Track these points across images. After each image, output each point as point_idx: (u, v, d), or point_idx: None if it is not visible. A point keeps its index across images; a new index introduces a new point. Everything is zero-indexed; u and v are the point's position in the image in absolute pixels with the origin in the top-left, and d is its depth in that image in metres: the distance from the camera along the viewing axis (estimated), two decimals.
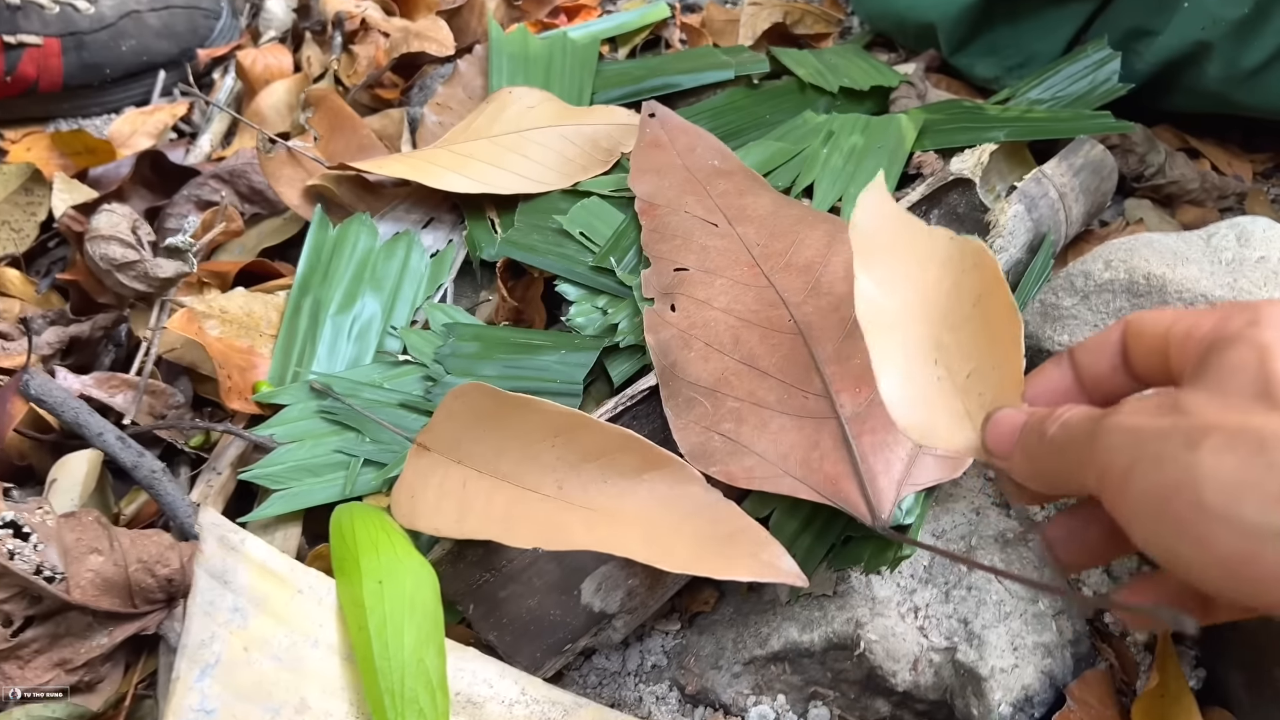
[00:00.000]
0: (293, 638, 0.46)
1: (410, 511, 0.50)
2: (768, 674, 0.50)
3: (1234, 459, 0.26)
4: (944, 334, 0.44)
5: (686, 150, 0.68)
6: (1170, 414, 0.29)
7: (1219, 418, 0.27)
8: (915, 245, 0.47)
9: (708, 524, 0.46)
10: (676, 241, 0.61)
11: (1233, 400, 0.28)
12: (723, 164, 0.67)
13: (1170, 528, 0.27)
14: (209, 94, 0.90)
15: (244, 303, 0.63)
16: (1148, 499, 0.28)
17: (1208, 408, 0.28)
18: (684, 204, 0.64)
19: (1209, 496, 0.26)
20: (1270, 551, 0.25)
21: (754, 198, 0.64)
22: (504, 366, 0.59)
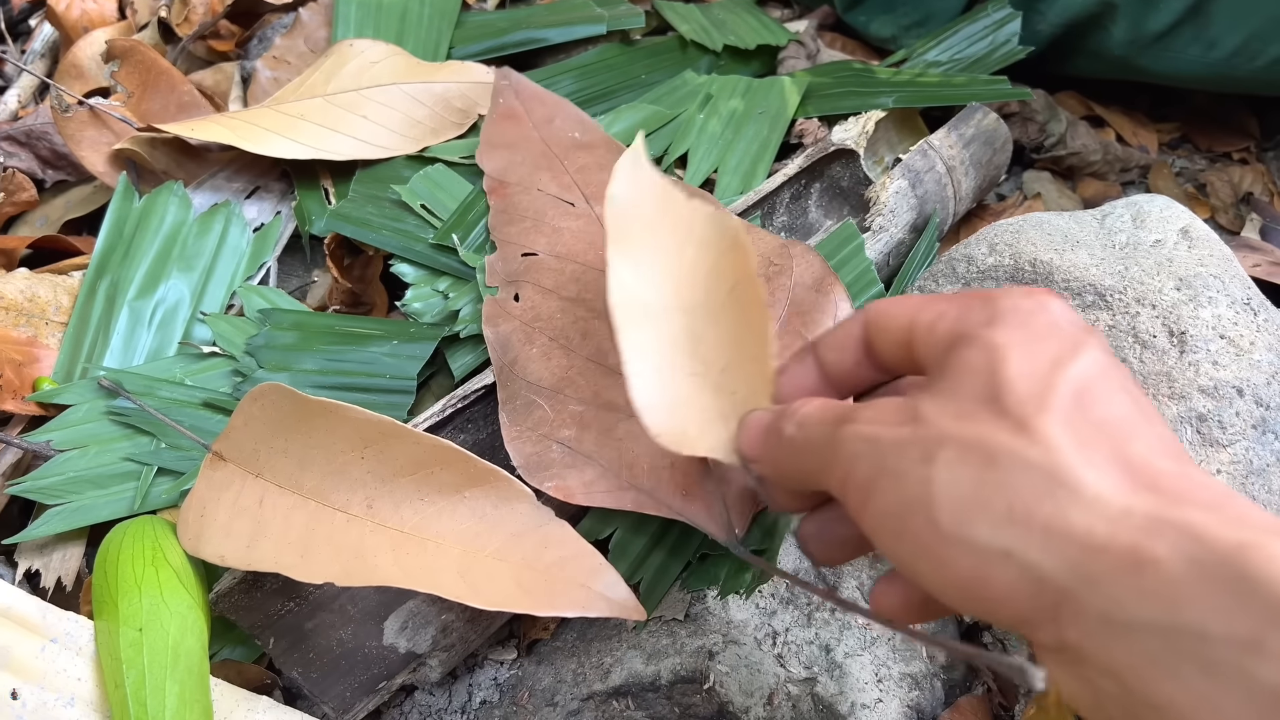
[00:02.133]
0: (43, 696, 0.39)
1: (197, 534, 0.43)
2: (609, 711, 0.44)
3: (966, 474, 0.24)
4: (701, 324, 0.39)
5: (543, 122, 0.61)
6: (908, 423, 0.27)
7: (953, 428, 0.25)
8: (676, 222, 0.41)
9: (535, 548, 0.40)
10: (526, 224, 0.54)
11: (966, 407, 0.26)
12: (584, 136, 0.61)
13: (909, 546, 0.26)
14: (25, 42, 0.79)
15: (26, 286, 0.54)
16: (888, 515, 0.26)
17: (943, 416, 0.26)
18: (537, 181, 0.57)
19: (942, 516, 0.24)
20: (1000, 573, 0.23)
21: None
22: (326, 359, 0.52)
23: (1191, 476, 0.23)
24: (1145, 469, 0.23)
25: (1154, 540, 0.21)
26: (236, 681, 0.43)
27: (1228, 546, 0.20)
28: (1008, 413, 0.25)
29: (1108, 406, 0.25)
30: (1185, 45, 0.67)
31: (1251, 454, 0.41)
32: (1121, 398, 0.25)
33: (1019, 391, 0.25)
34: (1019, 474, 0.24)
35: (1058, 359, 0.26)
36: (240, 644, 0.46)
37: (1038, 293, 0.28)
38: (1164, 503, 0.22)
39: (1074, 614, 0.22)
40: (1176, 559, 0.20)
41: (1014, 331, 0.27)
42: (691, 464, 0.43)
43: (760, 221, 0.56)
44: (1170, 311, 0.44)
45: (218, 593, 0.43)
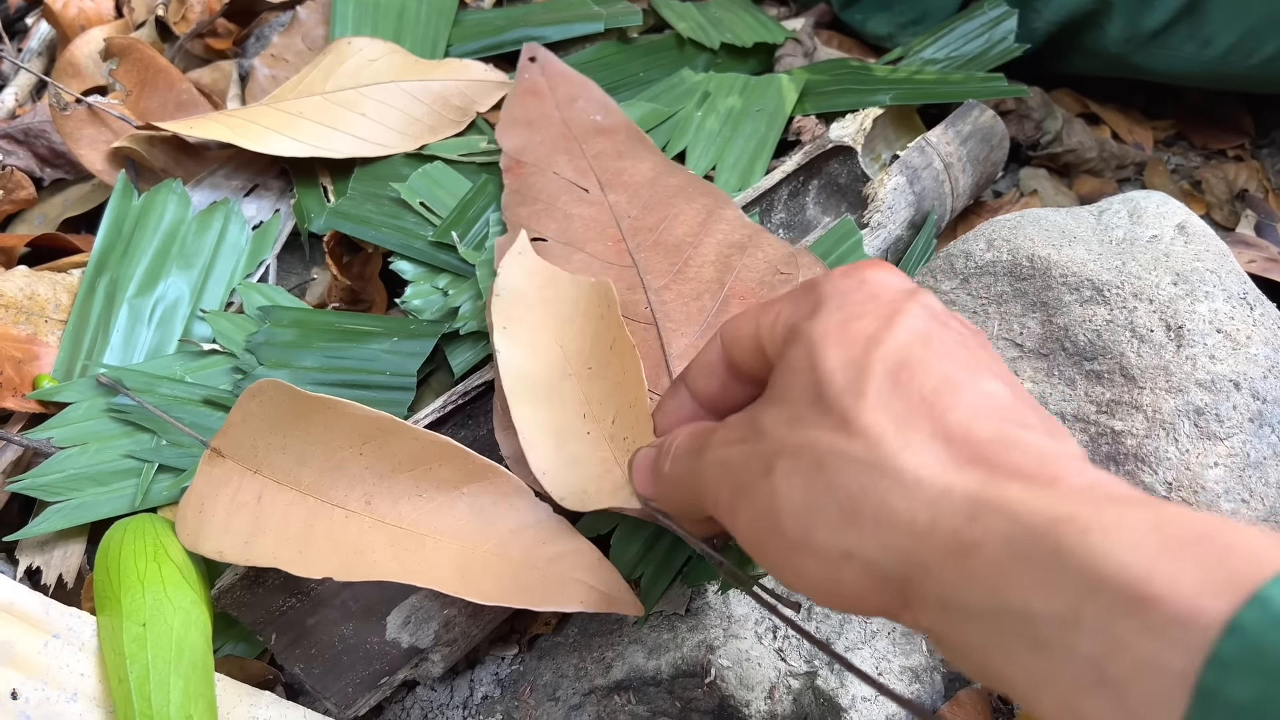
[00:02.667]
0: (45, 692, 0.39)
1: (195, 530, 0.43)
2: (610, 705, 0.45)
3: (800, 481, 0.24)
4: (590, 386, 0.43)
5: (566, 101, 0.61)
6: (750, 438, 0.27)
7: (785, 436, 0.25)
8: (560, 298, 0.46)
9: (533, 544, 0.40)
10: (539, 206, 0.54)
11: (796, 411, 0.26)
12: (606, 120, 0.61)
13: (770, 558, 0.26)
14: (22, 40, 0.79)
15: (26, 283, 0.54)
16: (750, 532, 0.27)
17: (778, 425, 0.26)
18: (554, 163, 0.57)
19: (787, 525, 0.25)
20: (846, 574, 0.24)
21: (634, 161, 0.57)
22: (326, 356, 0.52)
23: (1013, 439, 0.23)
24: (966, 439, 0.23)
25: (973, 523, 0.21)
26: (239, 677, 0.43)
27: (1042, 523, 0.20)
28: (831, 409, 0.24)
29: (927, 374, 0.24)
30: (1180, 43, 0.68)
31: (1248, 447, 0.41)
32: (943, 361, 0.25)
33: (837, 384, 0.25)
34: (845, 472, 0.23)
35: (872, 337, 0.25)
36: (242, 640, 0.46)
37: (858, 267, 0.28)
38: (983, 477, 0.22)
39: (920, 602, 0.22)
40: (995, 541, 0.20)
41: (831, 317, 0.26)
42: None
43: (758, 218, 0.56)
44: (1167, 306, 0.45)
45: (219, 589, 0.43)
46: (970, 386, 0.24)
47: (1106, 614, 0.18)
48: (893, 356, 0.25)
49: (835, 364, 0.25)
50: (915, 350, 0.25)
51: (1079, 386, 0.44)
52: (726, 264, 0.50)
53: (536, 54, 0.64)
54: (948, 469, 0.22)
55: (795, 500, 0.24)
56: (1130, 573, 0.18)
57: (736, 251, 0.51)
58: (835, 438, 0.24)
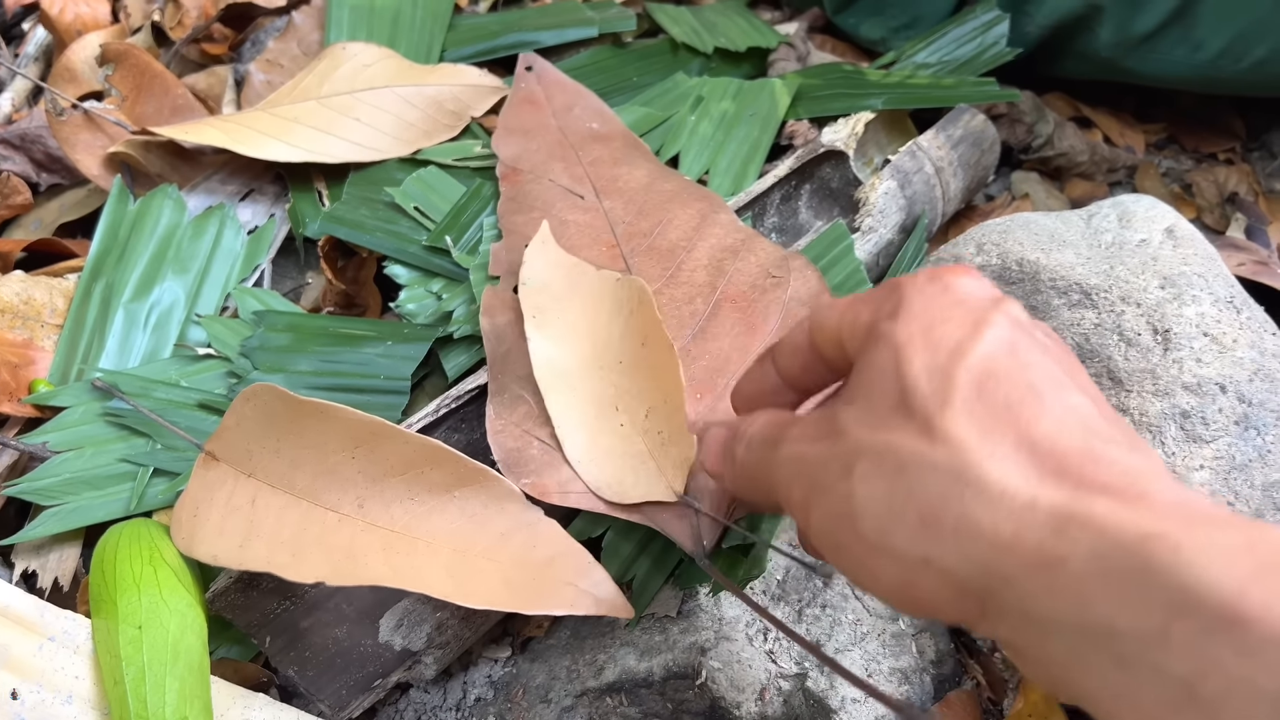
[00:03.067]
0: (41, 694, 0.39)
1: (190, 533, 0.43)
2: (602, 707, 0.45)
3: (881, 485, 0.24)
4: (621, 379, 0.44)
5: (563, 109, 0.62)
6: (828, 437, 0.27)
7: (867, 438, 0.25)
8: (586, 291, 0.47)
9: (523, 547, 0.40)
10: (535, 213, 0.54)
11: (878, 413, 0.26)
12: (602, 127, 0.61)
13: (846, 560, 0.26)
14: (19, 45, 0.80)
15: (21, 288, 0.54)
16: (824, 532, 0.26)
17: (859, 426, 0.26)
18: (550, 171, 0.57)
19: (866, 528, 0.25)
20: (924, 580, 0.24)
21: (629, 168, 0.58)
22: (320, 361, 0.52)
23: (1099, 453, 0.22)
24: (1051, 451, 0.23)
25: (1059, 537, 0.21)
26: (233, 679, 0.43)
27: (1132, 540, 0.19)
28: (914, 414, 0.24)
29: (1012, 385, 0.24)
30: (1171, 47, 0.68)
31: (1234, 449, 0.42)
32: (1029, 372, 0.24)
33: (922, 390, 0.25)
34: (927, 478, 0.23)
35: (958, 346, 0.25)
36: (237, 642, 0.46)
37: (942, 272, 0.28)
38: (1069, 491, 0.21)
39: (999, 612, 0.22)
40: (1082, 555, 0.20)
41: (915, 321, 0.26)
42: None
43: (751, 222, 0.57)
44: (1155, 310, 0.45)
45: (214, 592, 0.43)
46: (1055, 398, 0.24)
47: (1198, 633, 0.18)
48: (979, 366, 0.24)
49: (920, 370, 0.25)
50: (1001, 360, 0.24)
51: None
52: (719, 268, 0.51)
53: (533, 63, 0.64)
54: (1032, 481, 0.22)
55: (875, 504, 0.24)
56: (1223, 593, 0.18)
57: (729, 256, 0.52)
58: (918, 443, 0.24)
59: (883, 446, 0.25)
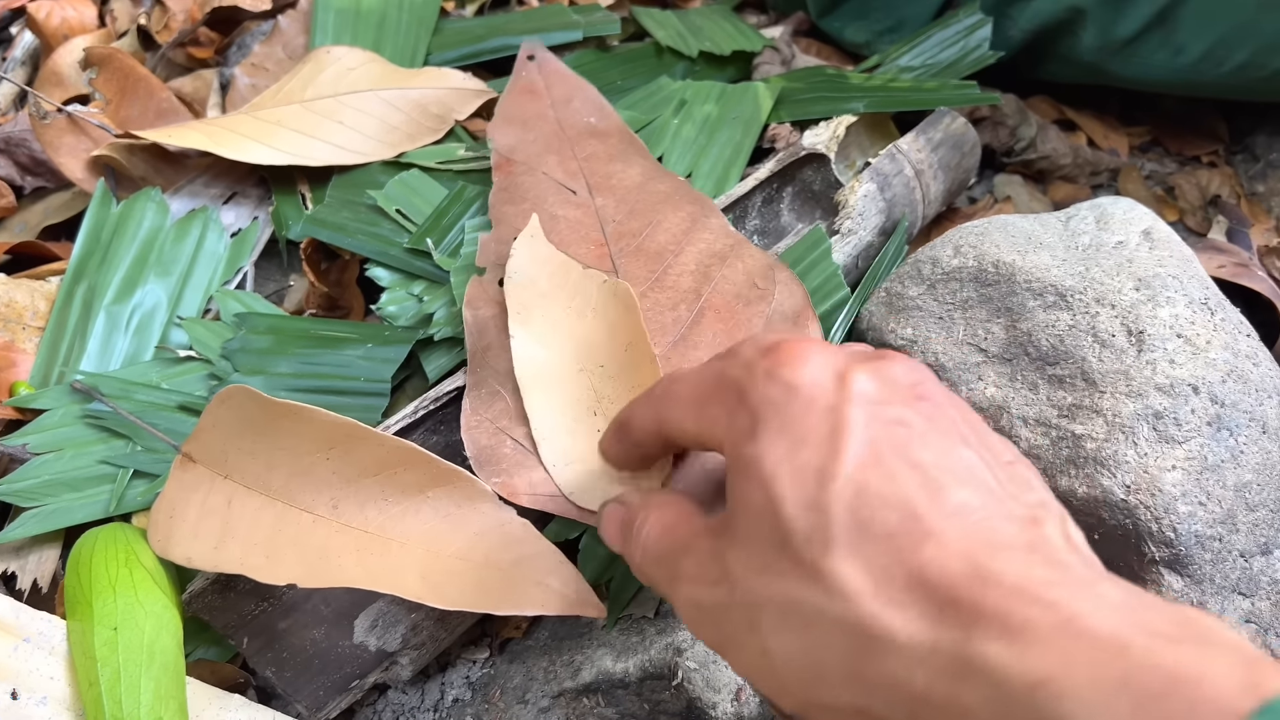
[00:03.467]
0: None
1: (166, 535, 0.43)
2: (579, 708, 0.45)
3: (793, 641, 0.24)
4: (601, 384, 0.44)
5: (562, 101, 0.62)
6: (722, 582, 0.27)
7: (761, 587, 0.25)
8: (571, 290, 0.46)
9: (496, 547, 0.41)
10: (525, 205, 0.54)
11: (764, 556, 0.25)
12: (600, 122, 0.61)
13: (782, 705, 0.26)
14: (6, 49, 0.80)
15: (3, 291, 0.55)
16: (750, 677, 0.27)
17: (748, 571, 0.26)
18: (544, 163, 0.57)
19: (790, 682, 0.25)
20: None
21: (623, 165, 0.58)
22: (301, 363, 0.52)
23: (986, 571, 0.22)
24: (939, 582, 0.23)
25: (962, 684, 0.21)
26: (210, 681, 0.43)
27: (1021, 690, 0.20)
28: (800, 560, 0.24)
29: (886, 509, 0.24)
30: (1153, 51, 0.68)
31: (1206, 450, 0.42)
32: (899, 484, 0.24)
33: (800, 532, 0.24)
34: (833, 634, 0.23)
35: (822, 470, 0.24)
36: (214, 644, 0.46)
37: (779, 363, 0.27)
38: (962, 630, 0.22)
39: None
40: (982, 705, 0.21)
41: (775, 443, 0.26)
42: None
43: (733, 224, 0.57)
44: (1129, 311, 0.45)
45: (191, 593, 0.43)
46: (935, 507, 0.24)
47: None
48: (849, 491, 0.24)
49: (794, 509, 0.24)
50: (869, 475, 0.24)
51: (1041, 391, 0.45)
52: (705, 274, 0.51)
53: (535, 52, 0.64)
54: (928, 623, 0.22)
55: (793, 660, 0.24)
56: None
57: (717, 262, 0.52)
58: (814, 594, 0.24)
59: (780, 599, 0.25)
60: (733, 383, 0.28)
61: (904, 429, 0.25)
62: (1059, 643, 0.20)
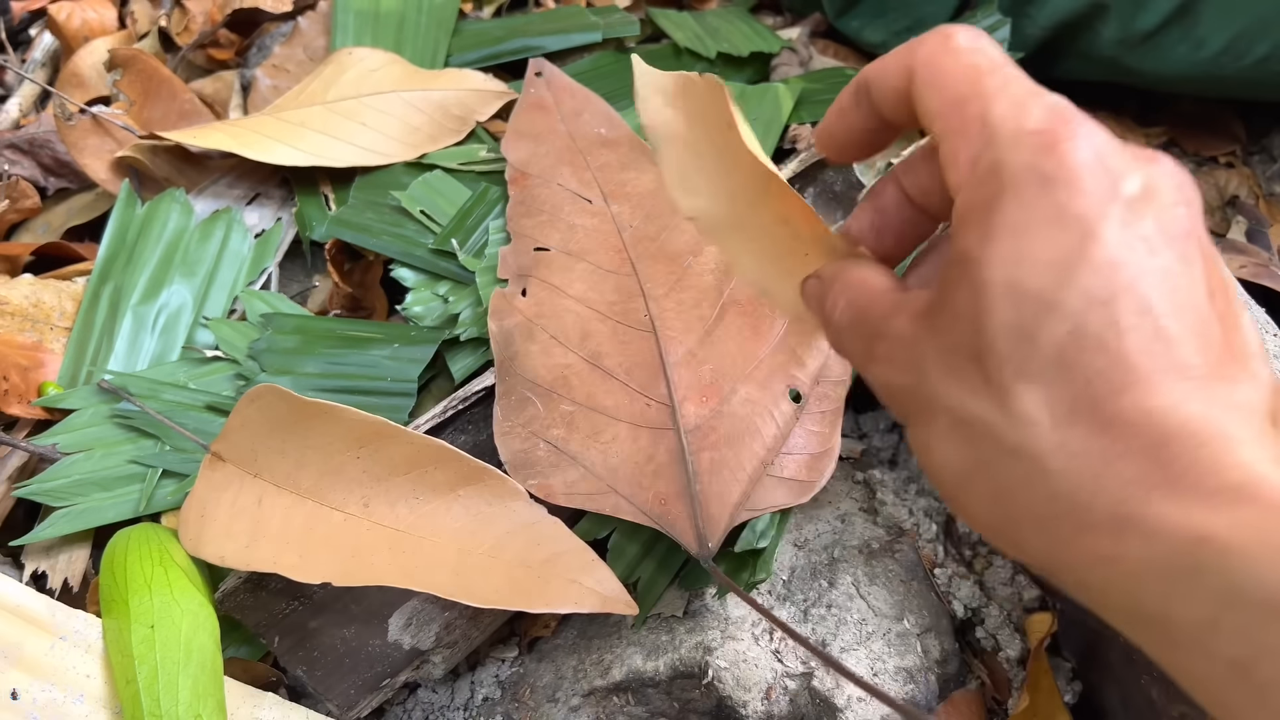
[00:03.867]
0: (52, 693, 0.40)
1: (198, 534, 0.43)
2: (609, 706, 0.45)
3: (956, 452, 0.24)
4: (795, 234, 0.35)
5: (572, 115, 0.62)
6: (912, 369, 0.26)
7: (945, 389, 0.25)
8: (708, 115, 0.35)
9: (527, 545, 0.41)
10: (543, 217, 0.55)
11: (956, 361, 0.24)
12: (610, 132, 0.61)
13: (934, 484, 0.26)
14: (26, 51, 0.80)
15: (31, 292, 0.55)
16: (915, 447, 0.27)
17: (936, 367, 0.25)
18: (559, 175, 0.58)
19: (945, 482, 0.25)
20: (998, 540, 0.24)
21: (637, 172, 0.58)
22: (327, 363, 0.53)
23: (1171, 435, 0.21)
24: (1123, 432, 0.22)
25: (1115, 539, 0.21)
26: (243, 679, 0.43)
27: (1182, 544, 0.20)
28: (990, 378, 0.23)
29: (1099, 353, 0.22)
30: (1174, 44, 0.68)
31: None
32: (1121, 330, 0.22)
33: (999, 352, 0.23)
34: (998, 460, 0.23)
35: (1042, 297, 0.22)
36: (246, 642, 0.47)
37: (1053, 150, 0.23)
38: (1132, 487, 0.21)
39: (1060, 580, 0.23)
40: (1135, 557, 0.21)
41: (1005, 242, 0.23)
42: (671, 473, 0.43)
43: None
44: None
45: (223, 592, 0.44)
46: (1149, 364, 0.22)
47: (1247, 623, 0.19)
48: (1065, 327, 0.22)
49: (1001, 328, 0.23)
50: (1093, 315, 0.22)
51: None
52: (725, 272, 0.51)
53: (543, 69, 0.65)
54: (1097, 473, 0.22)
55: (952, 468, 0.25)
56: (1270, 587, 0.18)
57: None
58: (992, 415, 0.23)
59: (959, 409, 0.24)
60: (994, 132, 0.24)
61: (1152, 265, 0.23)
62: (1231, 504, 0.20)
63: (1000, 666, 0.47)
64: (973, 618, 0.49)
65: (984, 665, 0.48)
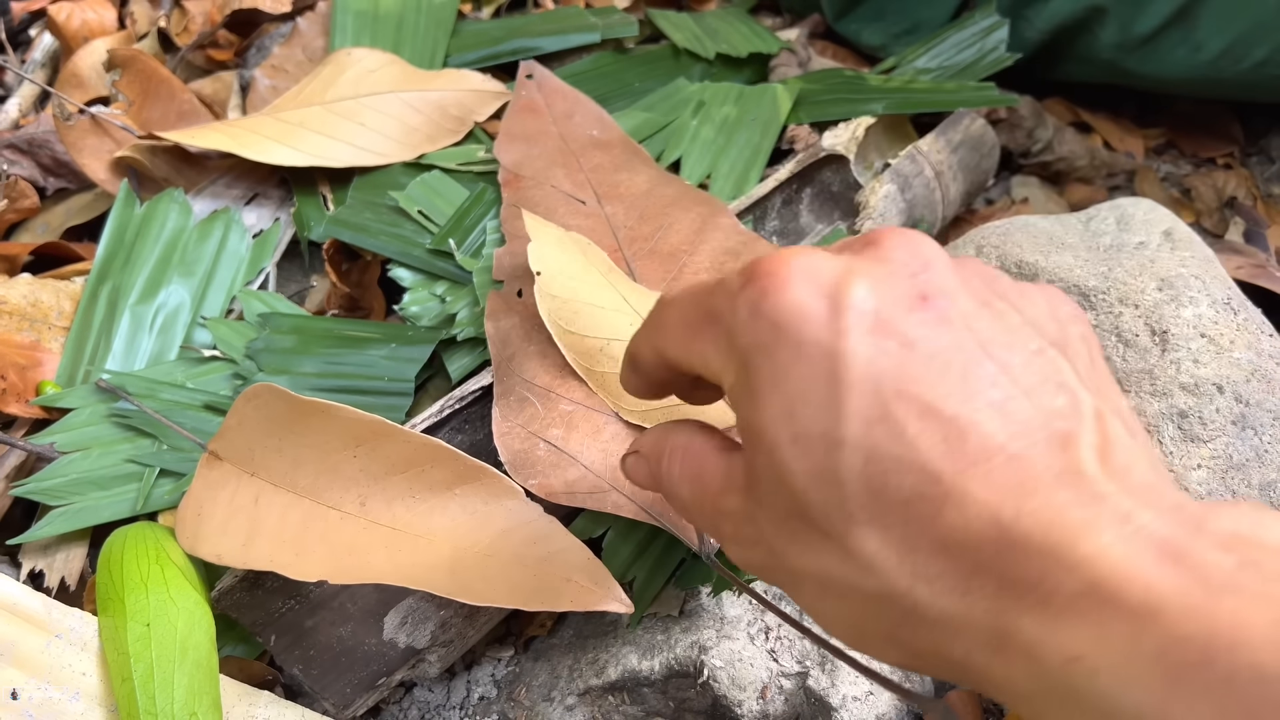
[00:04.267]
0: (48, 691, 0.40)
1: (194, 532, 0.43)
2: (604, 705, 0.45)
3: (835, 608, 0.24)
4: None
5: (563, 117, 0.62)
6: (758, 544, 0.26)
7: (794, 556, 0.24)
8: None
9: (524, 544, 0.41)
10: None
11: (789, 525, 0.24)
12: (602, 134, 0.62)
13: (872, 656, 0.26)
14: (26, 51, 0.80)
15: (29, 291, 0.55)
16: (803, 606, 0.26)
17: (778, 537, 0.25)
18: (552, 177, 0.58)
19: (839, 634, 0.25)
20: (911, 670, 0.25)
21: (629, 174, 0.58)
22: (325, 363, 0.53)
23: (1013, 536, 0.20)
24: (964, 548, 0.21)
25: (1000, 658, 0.21)
26: (239, 677, 0.43)
27: (1057, 664, 0.20)
28: (825, 533, 0.23)
29: (901, 472, 0.21)
30: (1172, 47, 0.68)
31: (1231, 449, 0.42)
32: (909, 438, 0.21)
33: (816, 505, 0.23)
34: (870, 606, 0.23)
35: (825, 436, 0.22)
36: (242, 641, 0.47)
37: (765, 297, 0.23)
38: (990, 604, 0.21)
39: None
40: (1021, 678, 0.20)
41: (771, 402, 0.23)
42: None
43: (752, 225, 0.57)
44: (1152, 311, 0.45)
45: (219, 591, 0.44)
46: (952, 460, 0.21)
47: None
48: (858, 458, 0.22)
49: (805, 481, 0.23)
50: (877, 434, 0.21)
51: None
52: (720, 271, 0.51)
53: (534, 71, 0.65)
54: (958, 595, 0.21)
55: (840, 624, 0.24)
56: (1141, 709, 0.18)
57: (731, 258, 0.52)
58: (844, 569, 0.23)
59: (814, 571, 0.24)
60: (717, 317, 0.25)
61: (910, 356, 0.22)
62: (1090, 612, 0.19)
63: None
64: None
65: None
